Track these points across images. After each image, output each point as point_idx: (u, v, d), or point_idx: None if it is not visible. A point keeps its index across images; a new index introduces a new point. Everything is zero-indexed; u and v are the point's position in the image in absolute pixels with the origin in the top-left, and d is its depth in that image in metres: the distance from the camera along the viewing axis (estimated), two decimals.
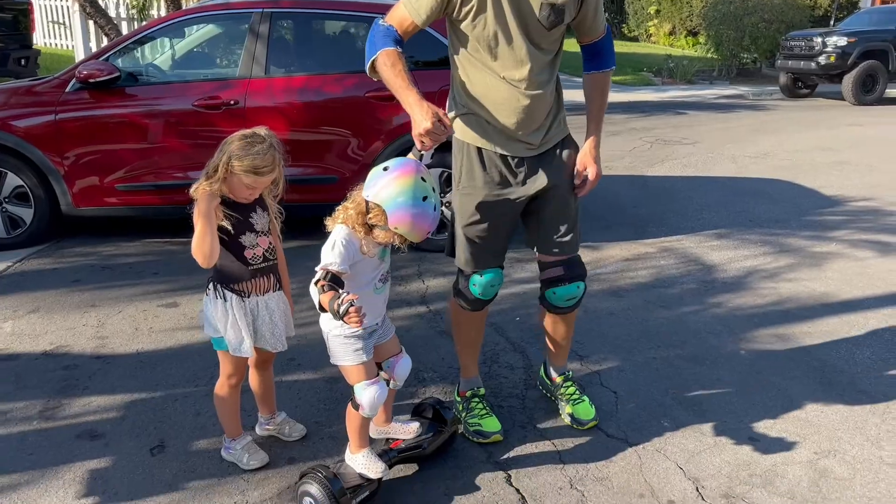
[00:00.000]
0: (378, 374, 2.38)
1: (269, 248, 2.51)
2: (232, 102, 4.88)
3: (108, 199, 5.06)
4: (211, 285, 2.47)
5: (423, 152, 2.30)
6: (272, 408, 2.77)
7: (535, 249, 2.80)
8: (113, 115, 4.94)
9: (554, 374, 3.03)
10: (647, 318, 3.92)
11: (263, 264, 2.49)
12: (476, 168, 2.59)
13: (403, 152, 5.00)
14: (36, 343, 3.58)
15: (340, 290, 2.09)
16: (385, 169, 2.18)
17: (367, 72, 2.50)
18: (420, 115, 2.24)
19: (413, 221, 2.14)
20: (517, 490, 2.50)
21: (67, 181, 4.99)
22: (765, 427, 2.89)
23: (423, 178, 2.15)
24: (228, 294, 2.44)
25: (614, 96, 15.99)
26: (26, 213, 5.06)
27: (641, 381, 3.26)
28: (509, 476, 2.58)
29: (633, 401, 3.09)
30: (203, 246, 2.34)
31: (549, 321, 2.92)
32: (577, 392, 2.96)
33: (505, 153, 2.57)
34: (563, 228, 2.69)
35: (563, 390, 2.98)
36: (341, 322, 2.06)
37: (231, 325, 2.45)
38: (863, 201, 6.51)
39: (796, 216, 6.02)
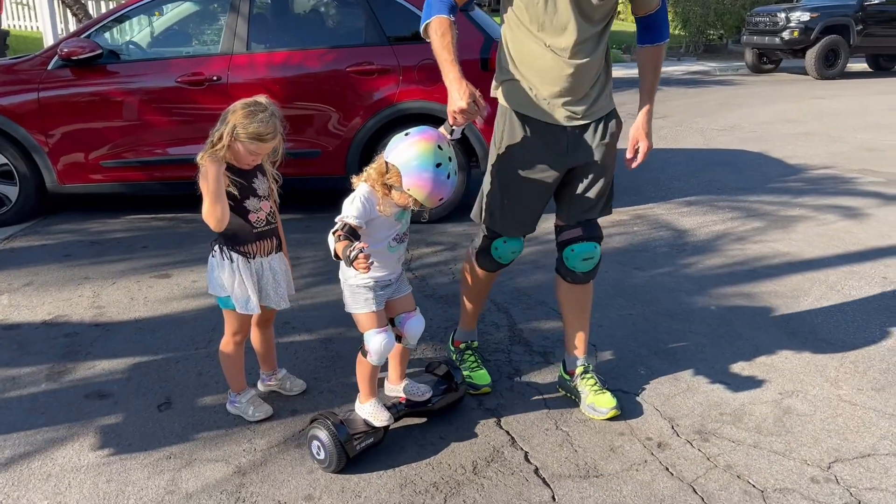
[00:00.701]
0: (387, 325, 2.50)
1: (270, 211, 2.64)
2: (215, 78, 4.96)
3: (94, 176, 5.13)
4: (217, 248, 2.60)
5: (454, 128, 2.37)
6: (273, 364, 2.92)
7: (556, 214, 2.80)
8: (96, 93, 5.00)
9: (571, 367, 2.91)
10: (622, 279, 4.12)
11: (266, 227, 2.63)
12: (517, 132, 2.58)
13: (384, 127, 5.18)
14: (34, 313, 3.68)
15: (353, 241, 2.22)
16: (406, 134, 2.32)
17: (421, 32, 2.52)
18: (458, 93, 2.29)
19: (425, 185, 2.25)
20: (507, 432, 2.69)
21: (52, 158, 5.05)
22: (734, 372, 3.11)
23: (440, 147, 2.26)
24: (235, 255, 2.57)
25: None
26: (11, 191, 5.11)
27: (619, 335, 3.47)
28: (499, 420, 2.76)
29: (611, 352, 3.29)
30: (215, 210, 2.46)
31: (564, 297, 2.87)
32: (599, 385, 2.82)
33: (547, 121, 2.56)
34: (594, 203, 2.71)
35: (582, 381, 2.84)
36: (354, 272, 2.23)
37: (238, 284, 2.59)
38: (825, 169, 6.79)
39: (762, 184, 6.28)
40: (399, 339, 2.63)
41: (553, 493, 2.35)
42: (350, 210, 2.31)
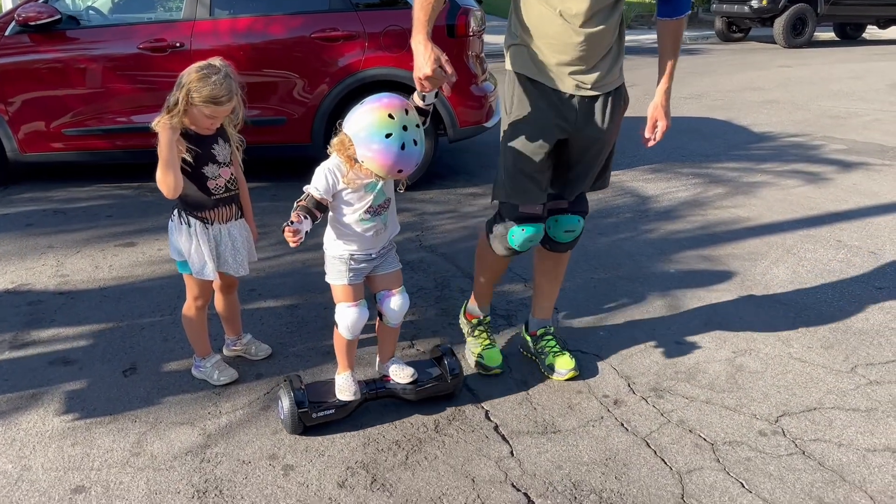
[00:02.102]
0: (360, 300, 2.44)
1: (230, 178, 2.64)
2: (177, 45, 4.90)
3: (55, 145, 5.06)
4: (176, 211, 2.60)
5: (424, 94, 2.26)
6: (238, 330, 2.95)
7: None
8: (56, 59, 4.91)
9: (534, 329, 2.95)
10: (586, 245, 4.19)
11: (225, 194, 2.62)
12: (527, 97, 2.49)
13: (350, 94, 5.16)
14: None
15: (311, 213, 2.24)
16: (361, 103, 2.24)
17: None
18: (422, 58, 2.19)
19: (375, 156, 2.14)
20: (470, 391, 2.75)
21: (12, 127, 4.96)
22: (689, 332, 3.20)
23: (390, 115, 2.12)
24: (192, 220, 2.58)
25: None
26: None
27: (581, 298, 3.54)
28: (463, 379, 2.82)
29: (573, 315, 3.37)
30: (167, 178, 2.45)
31: (540, 262, 2.89)
32: (558, 346, 2.87)
33: (556, 87, 2.46)
34: (589, 180, 2.67)
35: (542, 343, 2.90)
36: (332, 242, 2.35)
37: (195, 249, 2.60)
38: (789, 137, 6.90)
39: (726, 151, 6.37)
40: (381, 317, 2.58)
41: (512, 449, 2.42)
42: (314, 182, 2.27)
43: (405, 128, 2.13)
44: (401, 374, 2.58)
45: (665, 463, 2.35)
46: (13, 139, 4.99)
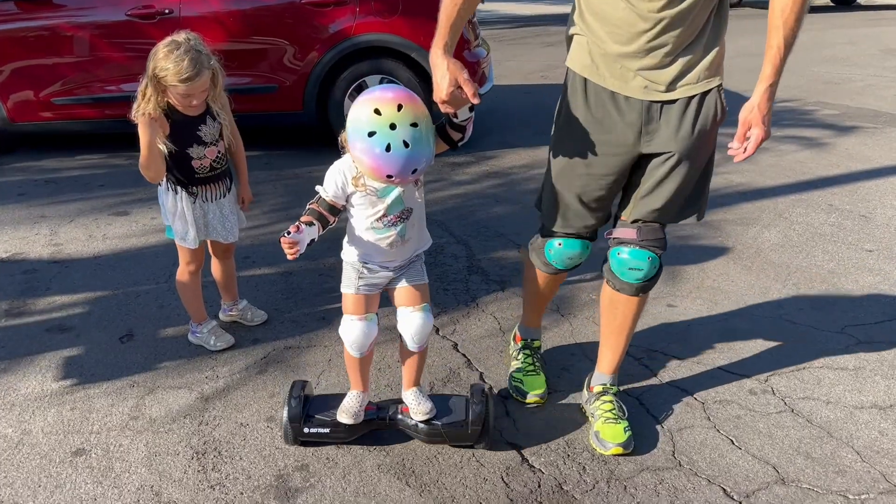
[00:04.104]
0: (366, 314, 2.14)
1: (217, 157, 2.59)
2: (166, 11, 4.84)
3: (45, 114, 5.03)
4: (165, 177, 2.59)
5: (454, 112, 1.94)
6: (234, 295, 2.96)
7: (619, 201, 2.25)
8: (43, 27, 4.86)
9: (594, 383, 2.43)
10: None
11: (210, 174, 2.60)
12: (579, 104, 2.04)
13: (342, 61, 5.12)
14: None
15: (304, 224, 1.93)
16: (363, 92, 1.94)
17: None
18: (437, 79, 1.87)
19: (360, 157, 1.85)
20: (463, 355, 2.78)
21: (1, 95, 4.92)
22: (682, 296, 3.23)
23: (377, 111, 1.79)
24: (179, 189, 2.58)
25: (550, 7, 16.00)
26: None
27: None
28: (456, 345, 2.85)
29: (567, 282, 3.38)
30: (147, 172, 2.44)
31: (606, 302, 2.33)
32: (615, 412, 2.31)
33: (616, 91, 1.99)
34: (664, 205, 2.11)
35: (597, 404, 2.36)
36: (345, 246, 2.11)
37: (179, 216, 2.60)
38: (782, 102, 6.88)
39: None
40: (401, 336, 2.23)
41: (506, 409, 2.46)
42: (325, 182, 2.01)
43: (393, 126, 1.77)
44: (417, 409, 2.21)
45: (657, 420, 2.40)
46: (2, 108, 4.95)
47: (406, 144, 1.79)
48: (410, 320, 2.14)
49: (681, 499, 2.07)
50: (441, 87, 1.86)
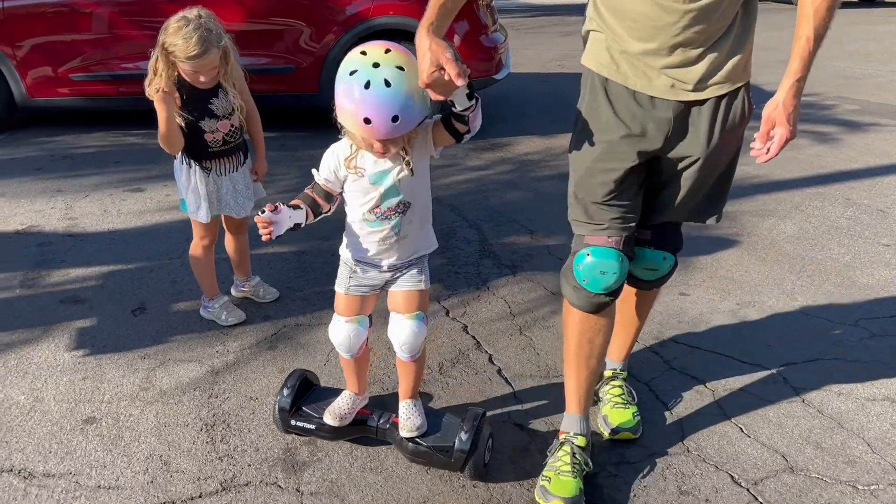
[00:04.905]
0: (354, 316, 2.03)
1: (230, 131, 2.59)
2: None
3: (63, 90, 5.06)
4: (180, 152, 2.59)
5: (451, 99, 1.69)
6: (247, 271, 2.97)
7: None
8: (63, 3, 4.87)
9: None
10: None
11: (223, 147, 2.60)
12: (600, 105, 1.88)
13: (358, 42, 5.05)
14: (6, 223, 3.69)
15: (286, 205, 1.84)
16: None
17: None
18: (420, 62, 1.64)
19: (339, 102, 1.69)
20: (473, 337, 2.78)
21: (20, 71, 4.95)
22: (695, 285, 3.21)
23: (363, 52, 1.67)
24: (193, 163, 2.58)
25: None
26: None
27: None
28: (466, 327, 2.85)
29: None
30: (168, 140, 2.46)
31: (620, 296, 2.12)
32: (624, 397, 2.30)
33: (640, 90, 1.83)
34: (682, 209, 2.01)
35: (607, 388, 2.35)
36: (344, 243, 1.99)
37: (192, 190, 2.61)
38: (803, 96, 6.80)
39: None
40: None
41: (514, 391, 2.46)
42: (320, 166, 1.90)
43: (376, 65, 1.64)
44: (405, 424, 2.05)
45: (666, 407, 2.39)
46: (21, 84, 4.98)
47: (388, 83, 1.62)
48: (399, 328, 1.99)
49: (688, 484, 2.06)
50: (422, 70, 1.63)
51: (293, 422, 2.14)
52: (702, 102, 1.82)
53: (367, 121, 1.65)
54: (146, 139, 5.09)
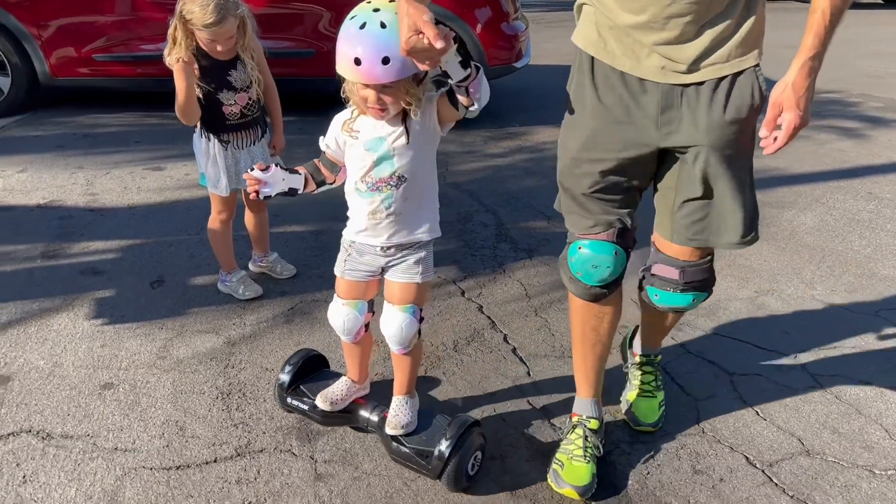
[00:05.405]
0: (350, 300, 1.95)
1: (248, 104, 2.60)
2: None
3: (85, 70, 5.09)
4: (198, 125, 2.61)
5: (439, 68, 1.57)
6: (265, 247, 2.99)
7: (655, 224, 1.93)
8: None
9: (636, 348, 2.30)
10: None
11: (241, 120, 2.61)
12: (585, 89, 1.74)
13: None
14: (29, 198, 3.73)
15: (281, 166, 1.88)
16: None
17: None
18: (401, 29, 1.48)
19: (336, 49, 1.61)
20: (488, 317, 2.77)
21: (44, 50, 4.99)
22: None
23: (368, 1, 1.61)
24: (211, 136, 2.59)
25: None
26: (3, 83, 5.09)
27: None
28: (481, 307, 2.85)
29: None
30: (185, 111, 2.46)
31: (645, 308, 2.13)
32: (654, 383, 2.22)
33: (628, 71, 1.67)
34: (703, 220, 1.77)
35: (636, 371, 2.26)
36: (347, 222, 1.91)
37: (211, 163, 2.62)
38: (825, 93, 6.74)
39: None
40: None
41: (529, 370, 2.45)
42: (326, 135, 1.85)
43: (376, 10, 1.57)
44: (392, 421, 1.96)
45: (682, 389, 2.37)
46: (45, 63, 5.02)
47: (383, 25, 1.54)
48: (388, 319, 1.89)
49: (702, 463, 2.05)
50: (402, 35, 1.47)
51: (289, 399, 2.09)
52: (699, 85, 1.63)
53: (357, 61, 1.57)
54: (166, 119, 5.11)
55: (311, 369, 2.18)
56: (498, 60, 5.13)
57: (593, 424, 2.05)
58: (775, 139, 1.59)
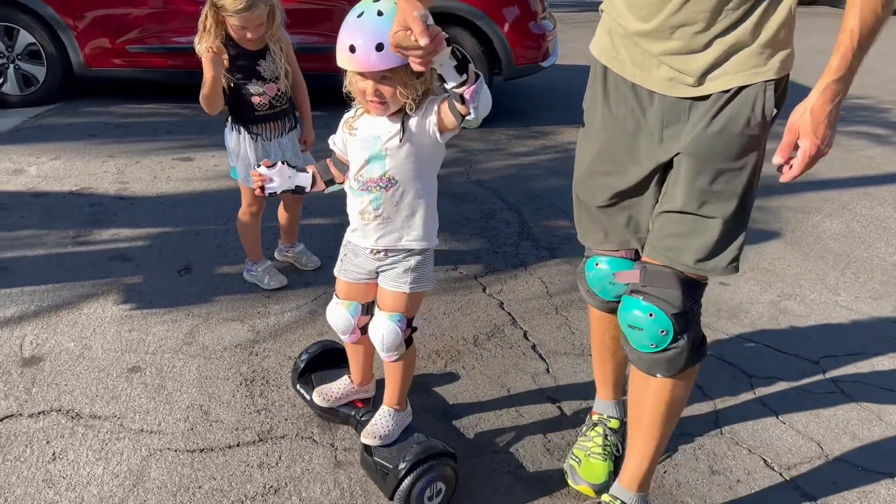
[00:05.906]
0: (344, 300, 1.95)
1: (276, 94, 2.63)
2: None
3: (118, 61, 5.18)
4: (229, 117, 2.65)
5: (438, 63, 1.48)
6: (293, 238, 3.03)
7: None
8: None
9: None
10: None
11: (270, 111, 2.64)
12: (597, 99, 1.68)
13: None
14: (61, 184, 3.81)
15: (286, 163, 1.89)
16: None
17: None
18: (393, 24, 1.45)
19: (338, 40, 1.57)
20: (509, 313, 2.80)
21: (80, 41, 5.09)
22: (735, 275, 3.17)
23: None
24: (242, 129, 2.64)
25: None
26: (39, 71, 5.19)
27: None
28: (502, 304, 2.87)
29: None
30: (210, 100, 2.49)
31: (630, 378, 1.78)
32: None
33: (637, 82, 1.58)
34: (677, 228, 1.58)
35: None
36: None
37: (241, 157, 2.66)
38: (855, 99, 6.67)
39: (787, 110, 6.18)
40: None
41: (548, 366, 2.47)
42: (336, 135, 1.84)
43: (376, 1, 1.54)
44: (369, 429, 1.90)
45: (701, 391, 2.38)
46: (80, 53, 5.12)
47: (380, 13, 1.51)
48: (376, 325, 1.85)
49: (720, 464, 2.06)
50: (391, 30, 1.44)
51: (297, 386, 2.17)
52: (704, 99, 1.50)
53: (352, 49, 1.53)
54: (196, 111, 5.14)
55: (330, 361, 2.21)
56: (525, 59, 5.14)
57: (613, 424, 2.05)
58: (790, 167, 1.46)
